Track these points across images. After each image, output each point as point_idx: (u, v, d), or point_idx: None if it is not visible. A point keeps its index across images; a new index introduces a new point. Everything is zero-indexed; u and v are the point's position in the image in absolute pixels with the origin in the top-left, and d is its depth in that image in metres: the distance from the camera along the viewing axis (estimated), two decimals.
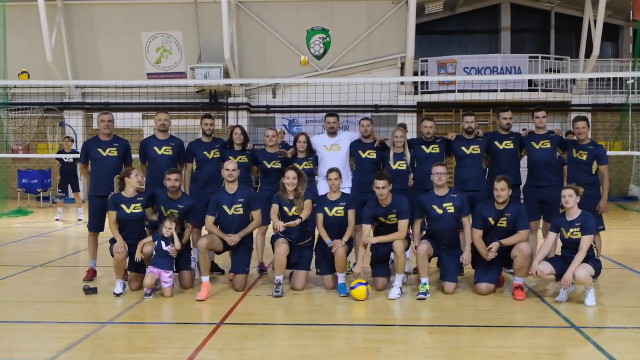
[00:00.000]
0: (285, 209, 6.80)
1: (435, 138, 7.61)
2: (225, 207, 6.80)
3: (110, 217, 6.72)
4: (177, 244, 6.60)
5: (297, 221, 6.64)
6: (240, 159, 7.50)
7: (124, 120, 15.32)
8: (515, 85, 18.39)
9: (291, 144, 8.03)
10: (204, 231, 7.17)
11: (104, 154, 7.28)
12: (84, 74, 19.39)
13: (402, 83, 19.34)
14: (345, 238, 6.65)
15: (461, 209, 6.59)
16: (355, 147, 7.67)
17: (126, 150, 7.44)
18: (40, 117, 19.21)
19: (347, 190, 7.39)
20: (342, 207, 6.78)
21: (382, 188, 6.51)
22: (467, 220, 6.60)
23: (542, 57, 19.50)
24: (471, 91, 18.36)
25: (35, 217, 14.96)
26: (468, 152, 7.45)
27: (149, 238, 6.67)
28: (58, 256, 9.34)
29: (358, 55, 19.58)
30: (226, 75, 17.99)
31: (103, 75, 19.08)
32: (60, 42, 18.82)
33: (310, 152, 7.71)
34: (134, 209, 6.74)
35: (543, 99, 18.45)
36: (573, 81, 19.52)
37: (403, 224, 6.54)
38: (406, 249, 6.64)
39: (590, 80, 19.36)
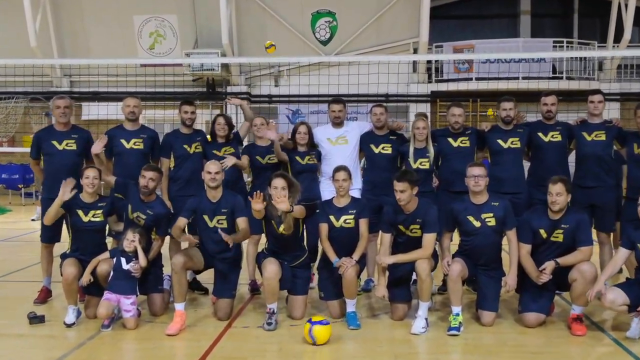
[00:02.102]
0: (273, 223, 5.38)
1: (465, 129, 6.29)
2: (206, 217, 5.43)
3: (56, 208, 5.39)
4: (143, 261, 5.23)
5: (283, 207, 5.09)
6: (226, 150, 6.24)
7: (117, 107, 13.96)
8: (532, 71, 16.95)
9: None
10: (184, 245, 5.81)
11: (60, 147, 6.01)
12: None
13: (414, 71, 17.94)
14: (356, 256, 5.26)
15: (504, 221, 5.18)
16: (367, 140, 6.37)
17: (87, 143, 6.12)
18: (26, 107, 17.93)
19: (356, 193, 6.05)
20: (352, 216, 5.40)
21: (400, 192, 5.13)
22: (513, 235, 5.18)
23: (567, 42, 18.08)
24: (490, 79, 16.84)
25: (13, 216, 13.67)
26: (506, 146, 6.12)
27: (106, 254, 5.30)
28: (20, 266, 7.93)
29: (367, 40, 18.14)
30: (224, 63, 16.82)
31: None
32: (46, 26, 17.45)
33: (313, 146, 6.35)
34: (92, 216, 5.43)
35: (568, 87, 16.98)
36: (600, 68, 18.10)
37: (429, 238, 5.15)
38: (432, 270, 5.27)
39: (619, 67, 17.93)
